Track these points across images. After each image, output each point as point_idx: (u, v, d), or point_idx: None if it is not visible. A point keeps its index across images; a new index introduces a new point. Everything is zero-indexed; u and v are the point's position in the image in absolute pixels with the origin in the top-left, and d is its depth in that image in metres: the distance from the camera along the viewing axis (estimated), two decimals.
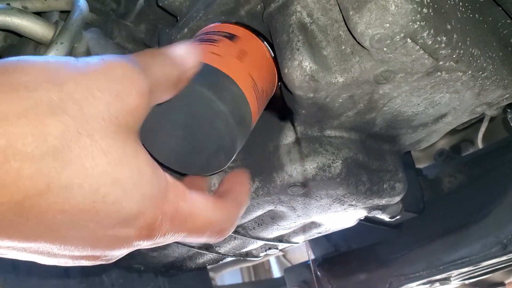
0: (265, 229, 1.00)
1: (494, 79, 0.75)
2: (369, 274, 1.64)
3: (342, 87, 0.70)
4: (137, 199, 0.43)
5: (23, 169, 0.36)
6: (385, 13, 0.59)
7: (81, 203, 0.39)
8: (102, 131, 0.40)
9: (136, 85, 0.44)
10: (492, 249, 1.34)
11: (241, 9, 0.78)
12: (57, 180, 0.38)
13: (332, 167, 0.78)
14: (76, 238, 0.42)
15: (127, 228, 0.44)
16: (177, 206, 0.47)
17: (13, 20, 0.79)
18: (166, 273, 1.46)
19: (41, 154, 0.37)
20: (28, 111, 0.37)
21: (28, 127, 0.37)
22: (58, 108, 0.38)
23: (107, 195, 0.40)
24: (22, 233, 0.40)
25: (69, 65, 0.42)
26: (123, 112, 0.42)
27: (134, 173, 0.42)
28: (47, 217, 0.39)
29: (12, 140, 0.36)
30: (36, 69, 0.40)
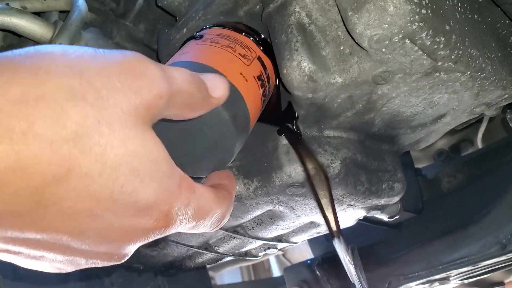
0: (264, 229, 1.00)
1: (493, 80, 0.75)
2: (369, 273, 1.64)
3: (340, 87, 0.70)
4: (154, 190, 0.43)
5: (43, 153, 0.36)
6: (383, 14, 0.60)
7: (99, 192, 0.39)
8: (121, 121, 0.40)
9: (156, 86, 0.43)
10: (491, 249, 1.34)
11: (240, 9, 0.78)
12: (77, 167, 0.37)
13: (330, 167, 0.78)
14: (93, 229, 0.42)
15: (143, 219, 0.44)
16: (189, 198, 0.48)
17: (12, 20, 0.79)
18: (165, 272, 1.46)
19: (61, 139, 0.36)
20: (47, 95, 0.37)
21: (47, 111, 0.36)
22: (78, 94, 0.38)
23: (126, 185, 0.40)
24: (40, 222, 0.39)
25: (89, 55, 0.41)
26: (142, 105, 0.42)
27: (152, 164, 0.42)
28: (66, 205, 0.38)
29: (32, 122, 0.35)
30: (56, 56, 0.39)
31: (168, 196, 0.45)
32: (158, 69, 0.44)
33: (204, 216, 0.51)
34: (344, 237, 0.77)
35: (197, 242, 1.12)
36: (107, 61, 0.42)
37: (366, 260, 1.66)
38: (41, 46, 0.41)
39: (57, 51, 0.40)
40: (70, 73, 0.39)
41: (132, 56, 0.44)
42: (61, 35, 0.79)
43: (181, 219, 0.47)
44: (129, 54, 0.44)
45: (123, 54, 0.43)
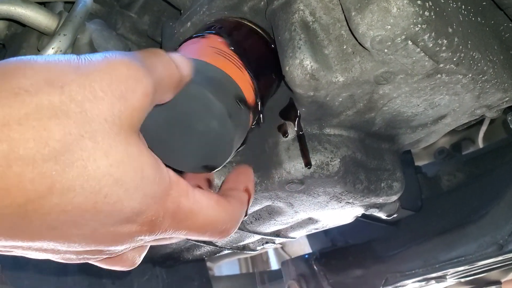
0: (262, 223, 1.01)
1: (494, 83, 0.75)
2: (366, 269, 1.65)
3: (342, 86, 0.70)
4: (139, 198, 0.43)
5: (25, 173, 0.37)
6: (386, 15, 0.60)
7: (83, 203, 0.40)
8: (104, 132, 0.40)
9: (141, 84, 0.43)
10: (488, 249, 1.35)
11: (244, 5, 0.78)
12: (59, 183, 0.38)
13: (330, 165, 0.78)
14: (79, 236, 0.43)
15: (128, 225, 0.44)
16: (179, 203, 0.47)
17: (17, 10, 0.79)
18: (163, 263, 1.47)
19: (43, 158, 0.37)
20: (29, 115, 0.37)
21: (29, 132, 0.37)
22: (59, 111, 0.38)
23: (109, 195, 0.41)
24: (26, 234, 0.40)
25: (70, 65, 0.41)
26: (126, 112, 0.42)
27: (137, 173, 0.42)
28: (50, 218, 0.39)
29: (14, 145, 0.36)
30: (36, 71, 0.40)
31: (154, 203, 0.44)
32: (140, 67, 0.44)
33: (198, 224, 0.50)
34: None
35: None
36: (88, 70, 0.41)
37: (364, 256, 1.67)
38: (21, 61, 0.40)
39: (38, 66, 0.40)
40: (51, 90, 0.39)
41: (113, 59, 0.43)
42: (66, 26, 0.79)
43: (168, 226, 0.47)
44: (110, 58, 0.43)
45: (104, 58, 0.43)
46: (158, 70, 0.47)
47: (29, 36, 0.89)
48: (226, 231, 0.53)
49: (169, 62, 0.49)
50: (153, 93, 0.45)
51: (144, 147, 0.44)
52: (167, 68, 0.49)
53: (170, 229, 0.48)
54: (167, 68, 0.49)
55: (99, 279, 1.58)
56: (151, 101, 0.45)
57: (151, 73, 0.45)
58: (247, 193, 0.60)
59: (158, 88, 0.46)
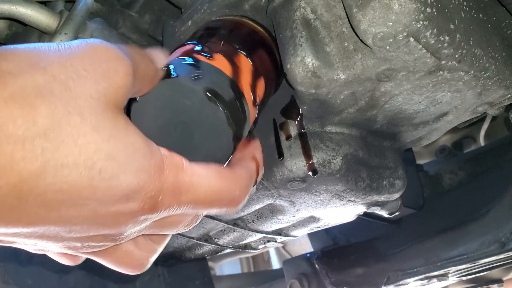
0: (264, 222, 1.01)
1: (496, 79, 0.75)
2: (367, 268, 1.65)
3: (344, 84, 0.70)
4: (134, 171, 0.43)
5: (16, 151, 0.37)
6: (388, 12, 0.60)
7: (78, 181, 0.40)
8: (91, 108, 0.41)
9: (122, 64, 0.44)
10: (490, 247, 1.35)
11: (245, 3, 0.78)
12: (51, 159, 0.38)
13: (332, 163, 0.78)
14: (79, 217, 0.43)
15: (128, 203, 0.44)
16: (176, 176, 0.47)
17: (18, 9, 0.79)
18: (165, 262, 1.47)
19: (32, 135, 0.38)
20: (15, 95, 0.38)
21: (17, 110, 0.37)
22: (44, 90, 0.39)
23: (103, 170, 0.41)
24: (25, 217, 0.40)
25: (51, 49, 0.42)
26: (110, 89, 0.43)
27: (128, 146, 0.43)
28: (47, 198, 0.39)
29: (2, 123, 0.37)
30: (18, 55, 0.40)
31: (150, 176, 0.44)
32: (118, 50, 0.45)
33: (202, 196, 0.49)
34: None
35: (197, 234, 1.13)
36: (69, 52, 0.42)
37: (366, 254, 1.67)
38: (3, 48, 0.41)
39: (18, 51, 0.41)
40: (34, 71, 0.40)
41: (93, 43, 0.44)
42: (67, 25, 0.79)
43: (170, 201, 0.47)
44: (90, 42, 0.45)
45: (85, 42, 0.44)
46: (135, 57, 0.48)
47: (30, 35, 0.89)
48: (235, 201, 0.53)
49: (144, 54, 0.51)
50: (132, 75, 0.45)
51: (131, 122, 0.45)
52: (142, 58, 0.50)
53: (173, 204, 0.47)
54: (142, 58, 0.50)
55: (101, 278, 1.58)
56: (131, 82, 0.45)
57: (129, 57, 0.46)
58: (254, 162, 0.60)
59: (136, 75, 0.46)
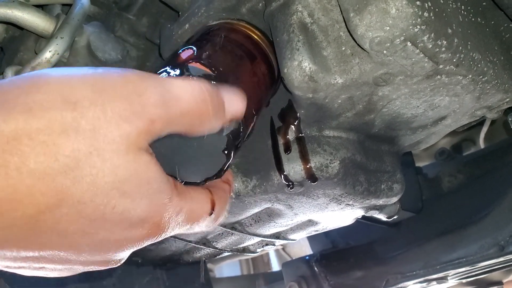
0: (262, 226, 1.00)
1: (494, 83, 0.75)
2: (366, 271, 1.65)
3: (341, 88, 0.70)
4: (145, 206, 0.45)
5: (36, 186, 0.38)
6: (385, 16, 0.59)
7: (91, 214, 0.41)
8: (112, 150, 0.41)
9: (147, 111, 0.43)
10: (489, 250, 1.34)
11: (242, 6, 0.78)
12: (69, 196, 0.40)
13: (329, 167, 0.78)
14: (88, 245, 0.44)
15: (136, 230, 0.46)
16: (180, 205, 0.49)
17: (14, 13, 0.79)
18: (164, 266, 1.47)
19: (54, 172, 0.39)
20: (41, 130, 0.39)
21: (40, 147, 0.38)
22: (70, 128, 0.40)
23: (117, 206, 0.42)
24: (37, 243, 0.42)
25: (86, 80, 0.42)
26: (134, 133, 0.43)
27: (143, 185, 0.44)
28: (60, 228, 0.41)
29: (25, 158, 0.38)
30: (52, 86, 0.41)
31: (159, 208, 0.46)
32: (155, 92, 0.44)
33: (197, 218, 0.52)
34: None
35: (195, 237, 1.12)
36: (102, 87, 0.42)
37: (365, 257, 1.67)
38: (37, 76, 0.42)
39: (52, 81, 0.41)
40: (65, 106, 0.40)
41: (130, 78, 0.44)
42: (63, 29, 0.79)
43: (173, 226, 0.49)
44: (127, 76, 0.44)
45: (120, 76, 0.44)
46: (181, 104, 0.46)
47: (27, 39, 0.89)
48: (217, 219, 0.56)
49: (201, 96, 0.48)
50: (163, 122, 0.45)
51: (152, 163, 0.45)
52: (196, 105, 0.48)
53: (176, 227, 0.50)
54: (196, 105, 0.48)
55: (99, 281, 1.58)
56: (161, 127, 0.45)
57: (165, 100, 0.45)
58: (226, 183, 0.61)
59: (176, 121, 0.46)
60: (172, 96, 0.46)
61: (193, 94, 0.47)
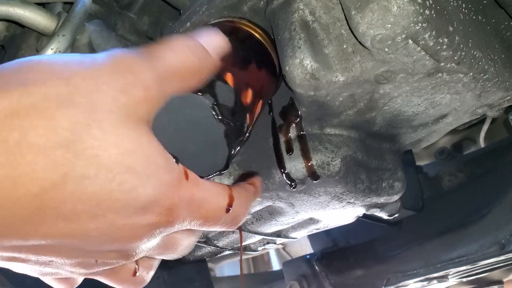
0: (263, 224, 1.01)
1: (495, 81, 0.75)
2: (367, 270, 1.65)
3: (342, 86, 0.70)
4: (153, 185, 0.43)
5: (37, 161, 0.37)
6: (387, 14, 0.59)
7: (98, 192, 0.40)
8: (111, 122, 0.41)
9: (140, 79, 0.44)
10: (490, 249, 1.34)
11: (244, 4, 0.78)
12: (72, 170, 0.38)
13: (331, 165, 0.78)
14: (97, 229, 0.42)
15: (146, 215, 0.44)
16: (192, 192, 0.47)
17: (16, 11, 0.79)
18: (164, 264, 1.47)
19: (54, 146, 0.38)
20: (37, 104, 0.38)
21: (39, 120, 0.38)
22: (66, 101, 0.39)
23: (123, 183, 0.41)
24: (43, 229, 0.40)
25: (75, 61, 0.43)
26: (130, 104, 0.43)
27: (148, 160, 0.43)
28: (66, 209, 0.39)
29: (24, 133, 0.37)
30: (43, 65, 0.41)
31: (168, 189, 0.45)
32: (139, 61, 0.45)
33: (212, 212, 0.50)
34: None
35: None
36: (92, 65, 0.43)
37: (365, 256, 1.67)
38: (29, 59, 0.42)
39: (43, 61, 0.42)
40: (57, 81, 0.40)
41: (117, 55, 0.45)
42: (64, 27, 0.79)
43: (185, 214, 0.47)
44: (114, 54, 0.45)
45: (108, 54, 0.44)
46: (166, 60, 0.47)
47: (28, 37, 0.89)
48: (237, 218, 0.54)
49: (181, 50, 0.49)
50: (156, 86, 0.45)
51: (153, 137, 0.45)
52: (178, 56, 0.49)
53: (187, 218, 0.48)
54: (178, 56, 0.49)
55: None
56: (155, 93, 0.45)
57: (154, 65, 0.46)
58: (251, 185, 0.60)
59: (169, 78, 0.46)
60: (157, 58, 0.46)
61: (173, 49, 0.48)
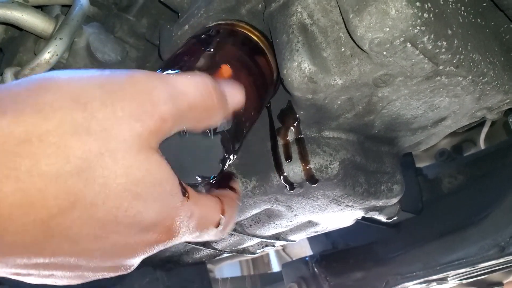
0: (261, 227, 1.00)
1: (494, 84, 0.74)
2: (366, 272, 1.64)
3: (341, 89, 0.70)
4: (158, 209, 0.44)
5: (48, 188, 0.37)
6: (385, 17, 0.59)
7: (104, 217, 0.41)
8: (124, 152, 0.41)
9: (158, 110, 0.43)
10: (490, 251, 1.34)
11: (242, 7, 0.78)
12: (81, 198, 0.39)
13: (329, 168, 0.78)
14: (100, 250, 0.43)
15: (147, 235, 0.45)
16: (192, 210, 0.48)
17: (14, 14, 0.79)
18: (163, 266, 1.47)
19: (65, 175, 0.38)
20: (51, 132, 0.38)
21: (51, 148, 0.38)
22: (81, 128, 0.39)
23: (129, 209, 0.42)
24: (48, 249, 0.41)
25: (94, 81, 0.42)
26: (145, 133, 0.42)
27: (156, 187, 0.43)
28: (72, 232, 0.40)
29: (36, 160, 0.37)
30: (61, 88, 0.40)
31: (171, 212, 0.46)
32: (163, 90, 0.44)
33: (208, 225, 0.52)
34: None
35: None
36: (111, 88, 0.42)
37: (365, 258, 1.66)
38: (46, 77, 0.41)
39: (62, 82, 0.41)
40: (75, 106, 0.40)
41: (138, 78, 0.44)
42: (62, 30, 0.79)
43: (184, 231, 0.48)
44: (135, 76, 0.44)
45: (128, 76, 0.43)
46: (188, 99, 0.46)
47: (26, 40, 0.89)
48: (226, 227, 0.56)
49: (205, 90, 0.48)
50: (173, 119, 0.45)
51: (163, 162, 0.45)
52: (201, 96, 0.48)
53: (186, 233, 0.49)
54: (201, 96, 0.48)
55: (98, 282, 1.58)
56: (171, 126, 0.45)
57: (174, 98, 0.45)
58: (234, 191, 0.61)
59: (185, 116, 0.46)
60: (179, 92, 0.46)
61: (198, 87, 0.48)
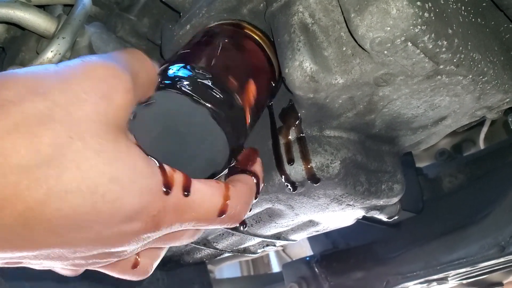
0: (262, 226, 1.01)
1: (494, 84, 0.75)
2: (367, 272, 1.65)
3: (342, 88, 0.70)
4: (137, 193, 0.43)
5: (20, 181, 0.38)
6: (386, 17, 0.59)
7: (82, 205, 0.40)
8: (92, 132, 0.41)
9: (121, 81, 0.44)
10: (490, 251, 1.34)
11: (243, 7, 0.78)
12: (55, 186, 0.39)
13: (330, 167, 0.78)
14: (84, 240, 0.43)
15: (132, 223, 0.44)
16: (179, 196, 0.47)
17: (16, 13, 0.79)
18: (164, 267, 1.47)
19: (36, 164, 0.38)
20: (17, 125, 0.38)
21: (20, 140, 0.38)
22: (45, 117, 0.39)
23: (107, 193, 0.41)
24: (31, 243, 0.41)
25: (50, 73, 0.42)
26: (111, 110, 0.43)
27: (130, 168, 0.43)
28: (52, 224, 0.40)
29: (6, 155, 0.37)
30: (17, 82, 0.41)
31: (153, 197, 0.45)
32: (117, 66, 0.45)
33: (204, 214, 0.50)
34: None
35: None
36: (68, 75, 0.42)
37: (365, 258, 1.67)
38: (3, 75, 0.41)
39: (18, 77, 0.41)
40: (35, 97, 0.40)
41: (91, 62, 0.44)
42: (65, 29, 0.79)
43: (172, 219, 0.47)
44: (87, 61, 0.44)
45: (82, 62, 0.44)
46: (135, 66, 0.47)
47: (28, 39, 0.89)
48: (236, 217, 0.53)
49: (144, 59, 0.51)
50: (133, 88, 0.45)
51: (132, 143, 0.45)
52: (142, 64, 0.50)
53: (175, 222, 0.48)
54: (142, 64, 0.50)
55: (100, 283, 1.58)
56: (133, 97, 0.45)
57: (128, 69, 0.46)
58: (253, 176, 0.60)
59: (137, 84, 0.47)
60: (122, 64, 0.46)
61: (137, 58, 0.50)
